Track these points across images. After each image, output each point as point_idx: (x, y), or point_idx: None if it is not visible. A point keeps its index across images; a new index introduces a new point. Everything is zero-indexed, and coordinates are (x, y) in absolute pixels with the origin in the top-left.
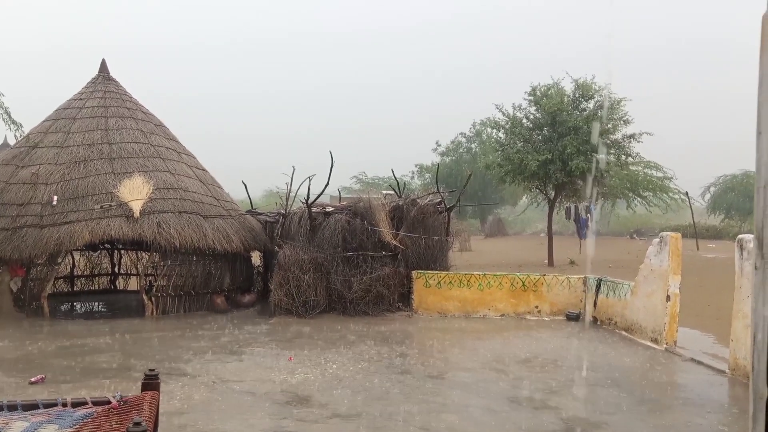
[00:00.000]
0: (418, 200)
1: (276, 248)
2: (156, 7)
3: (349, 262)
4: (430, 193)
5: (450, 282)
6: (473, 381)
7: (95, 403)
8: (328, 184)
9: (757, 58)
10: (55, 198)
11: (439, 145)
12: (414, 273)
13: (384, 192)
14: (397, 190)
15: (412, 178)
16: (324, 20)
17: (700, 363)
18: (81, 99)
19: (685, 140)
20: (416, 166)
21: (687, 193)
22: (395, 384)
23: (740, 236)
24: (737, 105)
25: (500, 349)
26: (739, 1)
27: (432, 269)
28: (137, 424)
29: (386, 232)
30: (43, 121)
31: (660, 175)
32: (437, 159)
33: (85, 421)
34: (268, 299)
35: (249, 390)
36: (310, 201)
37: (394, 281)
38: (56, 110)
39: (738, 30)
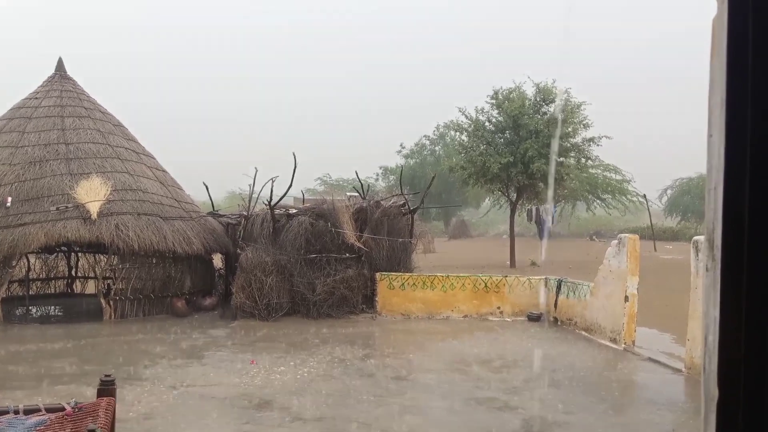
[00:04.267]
0: (382, 202)
1: (238, 250)
2: (118, 12)
3: (312, 265)
4: (394, 195)
5: (414, 284)
6: (436, 382)
7: (49, 410)
8: (291, 185)
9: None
10: (9, 199)
11: (404, 148)
12: (378, 275)
13: (348, 194)
14: (361, 192)
15: (377, 180)
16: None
17: (657, 362)
18: (37, 98)
19: (642, 143)
20: (380, 168)
21: (645, 196)
22: (358, 386)
23: (695, 238)
24: (693, 109)
25: (463, 350)
26: (701, 6)
27: (396, 271)
28: (92, 431)
29: (350, 234)
30: None
31: (619, 177)
32: (401, 161)
33: (38, 428)
34: (229, 302)
35: (210, 395)
36: (273, 203)
37: (357, 283)
38: (10, 109)
39: (696, 35)
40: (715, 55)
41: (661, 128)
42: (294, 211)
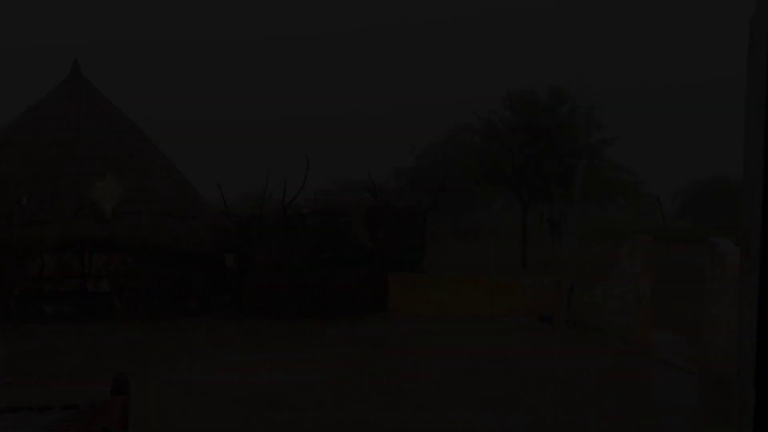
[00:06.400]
0: (393, 203)
1: (250, 250)
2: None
3: (324, 265)
4: (405, 196)
5: (425, 284)
6: (448, 382)
7: (63, 408)
8: (303, 186)
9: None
10: (25, 198)
11: (415, 148)
12: (389, 275)
13: (360, 194)
14: (373, 192)
15: (388, 180)
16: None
17: (670, 364)
18: (52, 98)
19: (656, 145)
20: (392, 168)
21: (658, 198)
22: (370, 386)
23: (711, 240)
24: (710, 110)
25: (474, 351)
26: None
27: (407, 271)
28: (105, 429)
29: (362, 234)
30: (13, 120)
31: (632, 179)
32: (413, 162)
33: (52, 426)
34: (242, 302)
35: (222, 394)
36: (285, 203)
37: (369, 283)
38: (27, 110)
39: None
40: (753, 51)
41: (676, 129)
42: (306, 211)
